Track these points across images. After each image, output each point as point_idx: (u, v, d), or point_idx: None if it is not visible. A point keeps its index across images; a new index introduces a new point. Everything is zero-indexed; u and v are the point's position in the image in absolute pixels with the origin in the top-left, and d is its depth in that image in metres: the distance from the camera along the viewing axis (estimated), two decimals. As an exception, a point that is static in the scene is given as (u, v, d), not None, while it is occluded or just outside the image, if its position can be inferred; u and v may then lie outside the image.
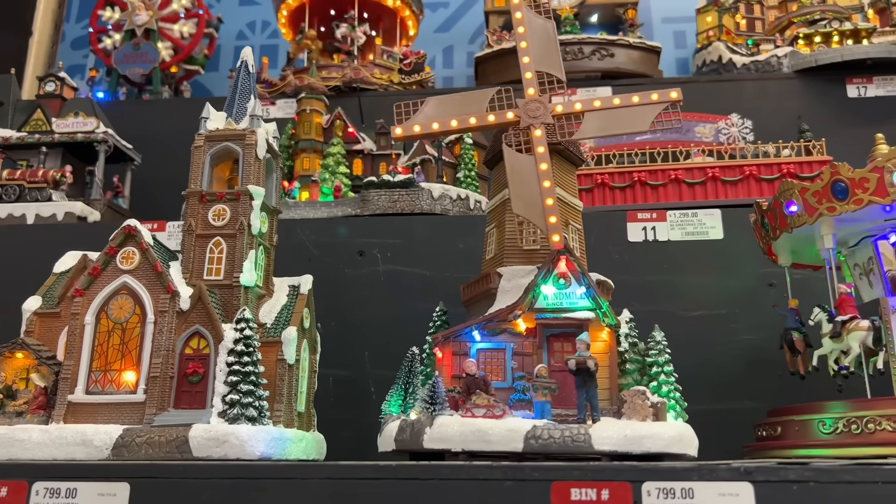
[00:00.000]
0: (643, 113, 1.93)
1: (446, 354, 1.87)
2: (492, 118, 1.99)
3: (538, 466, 1.39)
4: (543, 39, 2.06)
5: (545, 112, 1.98)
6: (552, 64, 2.03)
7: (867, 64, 3.81)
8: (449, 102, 2.02)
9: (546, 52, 2.05)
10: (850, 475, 1.34)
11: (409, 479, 1.40)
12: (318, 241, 2.82)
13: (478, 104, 2.01)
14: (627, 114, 1.95)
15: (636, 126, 1.97)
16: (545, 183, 1.91)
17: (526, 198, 1.91)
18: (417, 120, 1.99)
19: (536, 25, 2.07)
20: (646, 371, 1.89)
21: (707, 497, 1.34)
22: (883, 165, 1.76)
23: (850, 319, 1.89)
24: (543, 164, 1.93)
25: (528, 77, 2.02)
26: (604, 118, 1.95)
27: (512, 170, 1.94)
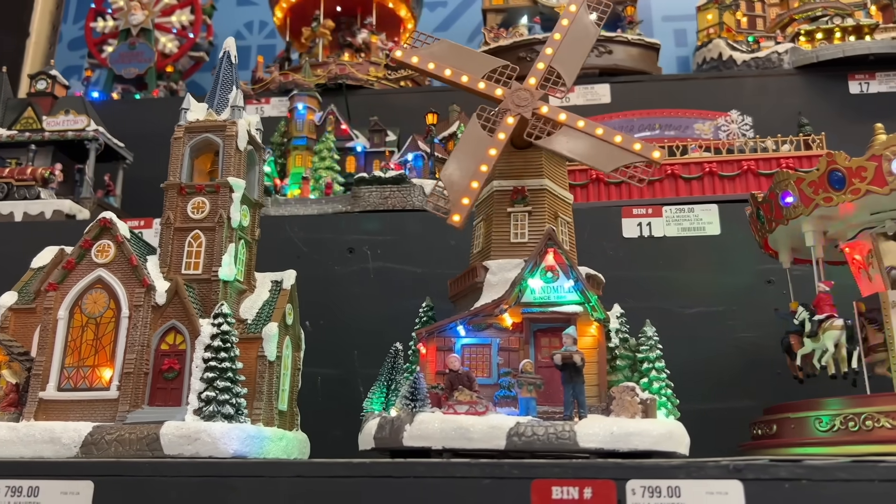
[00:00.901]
0: (616, 155, 1.85)
1: (430, 350, 1.81)
2: (482, 86, 1.95)
3: (518, 464, 1.33)
4: (455, 54, 2.03)
5: (530, 92, 1.93)
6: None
7: (869, 59, 3.74)
8: (456, 52, 2.00)
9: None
10: (844, 473, 1.27)
11: (382, 477, 1.34)
12: (308, 237, 2.77)
13: (480, 67, 1.97)
14: (601, 147, 1.86)
15: (601, 164, 1.88)
16: (482, 167, 1.86)
17: (603, 154, 1.85)
18: (419, 52, 1.97)
19: (581, 25, 2.02)
20: (636, 367, 1.83)
21: (694, 495, 1.28)
22: (881, 154, 1.70)
23: (827, 318, 1.85)
24: (493, 150, 1.88)
25: (539, 67, 1.97)
26: (576, 140, 1.88)
27: (467, 138, 1.91)
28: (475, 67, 2.00)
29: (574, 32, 2.02)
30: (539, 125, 1.90)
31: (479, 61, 2.02)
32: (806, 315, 1.88)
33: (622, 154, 1.83)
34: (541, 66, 1.98)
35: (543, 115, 1.90)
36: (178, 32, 4.62)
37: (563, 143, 1.90)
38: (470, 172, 1.86)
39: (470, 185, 1.85)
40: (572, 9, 2.00)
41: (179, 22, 4.66)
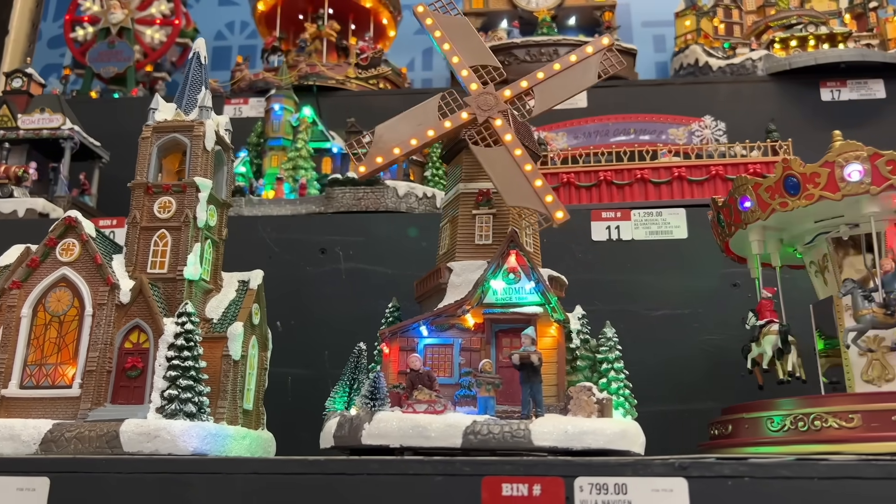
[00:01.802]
0: (585, 68, 1.95)
1: (393, 350, 1.83)
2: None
3: (470, 461, 1.36)
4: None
5: (497, 101, 1.95)
6: (481, 55, 2.03)
7: (841, 67, 3.80)
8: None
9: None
10: (786, 471, 1.31)
11: (336, 474, 1.36)
12: (280, 238, 2.78)
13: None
14: (572, 75, 1.96)
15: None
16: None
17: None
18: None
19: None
20: (596, 367, 1.86)
21: (640, 492, 1.30)
22: (834, 160, 1.74)
23: (767, 323, 1.91)
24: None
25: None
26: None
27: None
28: (472, 54, 2.03)
29: (574, 73, 2.05)
30: (518, 106, 1.94)
31: (479, 51, 2.05)
32: (754, 320, 1.92)
33: (532, 198, 1.87)
34: (524, 84, 2.02)
35: (513, 96, 1.94)
36: (161, 21, 4.60)
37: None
38: (400, 138, 1.92)
39: (392, 148, 1.91)
40: (588, 50, 2.02)
41: (160, 12, 4.65)
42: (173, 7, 4.67)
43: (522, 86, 1.97)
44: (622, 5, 4.92)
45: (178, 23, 4.66)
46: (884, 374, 1.76)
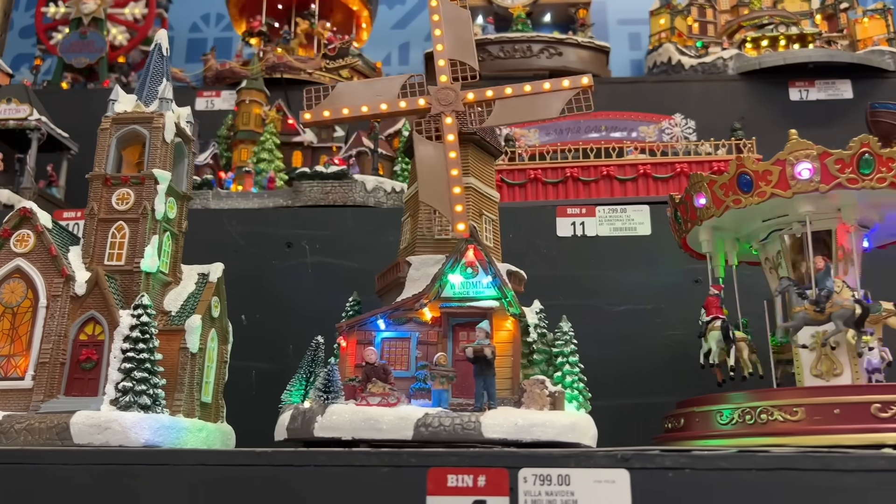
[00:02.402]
0: (554, 99, 1.92)
1: (350, 344, 1.84)
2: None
3: (416, 453, 1.37)
4: (459, 28, 2.05)
5: (457, 100, 1.96)
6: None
7: (809, 68, 3.85)
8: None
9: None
10: (725, 462, 1.33)
11: (284, 465, 1.37)
12: (247, 231, 2.78)
13: (390, 90, 1.99)
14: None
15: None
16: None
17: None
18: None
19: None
20: (552, 361, 1.88)
21: (583, 483, 1.32)
22: (785, 158, 1.78)
23: (712, 320, 1.95)
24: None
25: (441, 64, 2.00)
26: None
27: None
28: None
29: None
30: (474, 112, 1.94)
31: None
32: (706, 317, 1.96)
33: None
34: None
35: (474, 102, 1.95)
36: (129, 25, 4.56)
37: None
38: (353, 102, 1.93)
39: (342, 108, 1.92)
40: (565, 84, 1.96)
41: (132, 14, 4.61)
42: (146, 13, 4.62)
43: (487, 95, 1.97)
44: (598, 3, 4.94)
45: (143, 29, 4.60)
46: (832, 368, 1.80)
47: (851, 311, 1.68)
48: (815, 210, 1.75)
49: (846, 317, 1.69)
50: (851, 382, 1.77)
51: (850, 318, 1.69)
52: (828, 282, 1.72)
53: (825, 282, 1.72)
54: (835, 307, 1.70)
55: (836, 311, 1.70)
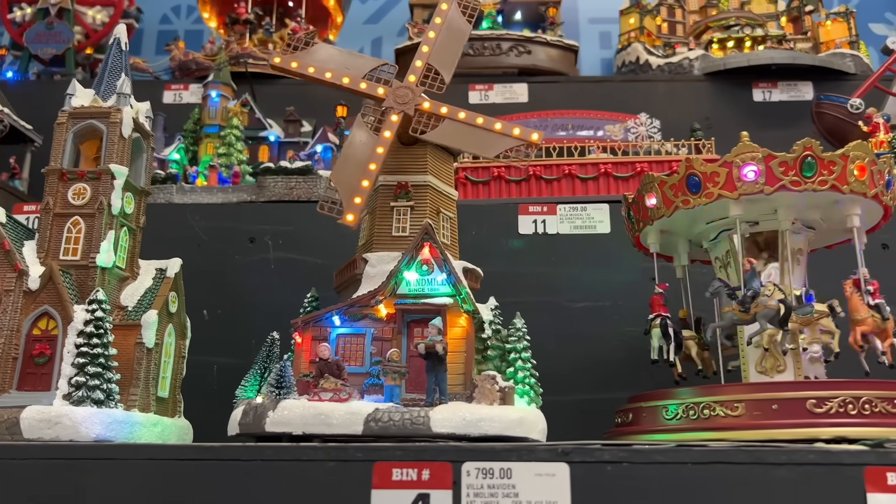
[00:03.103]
0: (498, 141, 1.92)
1: (305, 339, 1.86)
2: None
3: (362, 447, 1.40)
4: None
5: (411, 102, 1.98)
6: (363, 64, 2.05)
7: (772, 69, 3.93)
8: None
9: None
10: (661, 456, 1.37)
11: (232, 460, 1.39)
12: (210, 226, 2.78)
13: (359, 68, 2.01)
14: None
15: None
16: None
17: (486, 141, 1.92)
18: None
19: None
20: (506, 357, 1.91)
21: (524, 477, 1.36)
22: (732, 160, 1.82)
23: (655, 318, 2.01)
24: (380, 149, 1.93)
25: (417, 65, 2.03)
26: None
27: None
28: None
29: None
30: (423, 120, 1.96)
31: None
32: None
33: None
34: (419, 64, 2.04)
35: (426, 111, 1.96)
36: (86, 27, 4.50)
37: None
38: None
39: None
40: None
41: (94, 17, 4.55)
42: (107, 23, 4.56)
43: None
44: (569, 1, 4.97)
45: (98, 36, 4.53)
46: (775, 365, 1.86)
47: (775, 310, 1.73)
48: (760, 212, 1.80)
49: (770, 316, 1.75)
50: (794, 379, 1.83)
51: (775, 318, 1.74)
52: (754, 283, 1.78)
53: (752, 282, 1.78)
54: (759, 307, 1.75)
55: (761, 311, 1.76)
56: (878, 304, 1.75)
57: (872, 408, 1.57)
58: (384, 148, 1.91)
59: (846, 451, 1.37)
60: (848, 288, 1.78)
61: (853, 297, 1.76)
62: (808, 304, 1.80)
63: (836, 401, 1.58)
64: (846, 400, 1.57)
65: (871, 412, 1.56)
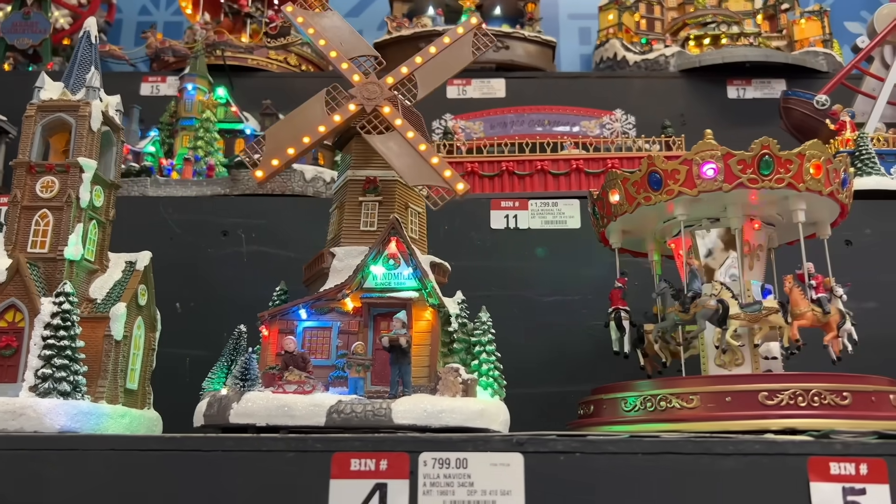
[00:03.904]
0: (461, 47, 2.04)
1: (272, 333, 1.88)
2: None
3: (321, 438, 1.42)
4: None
5: (381, 89, 2.01)
6: (358, 46, 2.10)
7: (746, 66, 3.97)
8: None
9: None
10: (613, 447, 1.41)
11: (193, 451, 1.41)
12: (183, 219, 2.79)
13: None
14: (449, 55, 2.05)
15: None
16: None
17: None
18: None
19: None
20: (471, 350, 1.94)
21: (479, 466, 1.39)
22: (692, 158, 1.86)
23: (613, 311, 2.07)
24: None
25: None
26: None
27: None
28: (350, 47, 2.09)
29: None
30: (374, 121, 1.98)
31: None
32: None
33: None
34: (404, 70, 2.07)
35: (395, 83, 2.00)
36: (72, 9, 4.48)
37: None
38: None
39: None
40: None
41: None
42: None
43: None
44: (551, -3, 5.01)
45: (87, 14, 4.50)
46: (734, 359, 1.90)
47: (713, 310, 1.79)
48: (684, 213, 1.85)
49: (708, 315, 1.81)
50: (751, 372, 1.88)
51: (714, 317, 1.80)
52: (694, 283, 1.84)
53: (692, 283, 1.84)
54: (698, 307, 1.81)
55: (700, 311, 1.82)
56: (819, 298, 1.80)
57: (821, 400, 1.62)
58: (327, 128, 1.96)
59: (791, 442, 1.41)
60: (788, 283, 1.83)
61: (794, 292, 1.80)
62: (755, 301, 1.85)
63: (786, 393, 1.62)
64: (796, 392, 1.62)
65: (819, 404, 1.61)
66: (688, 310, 1.82)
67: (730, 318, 1.80)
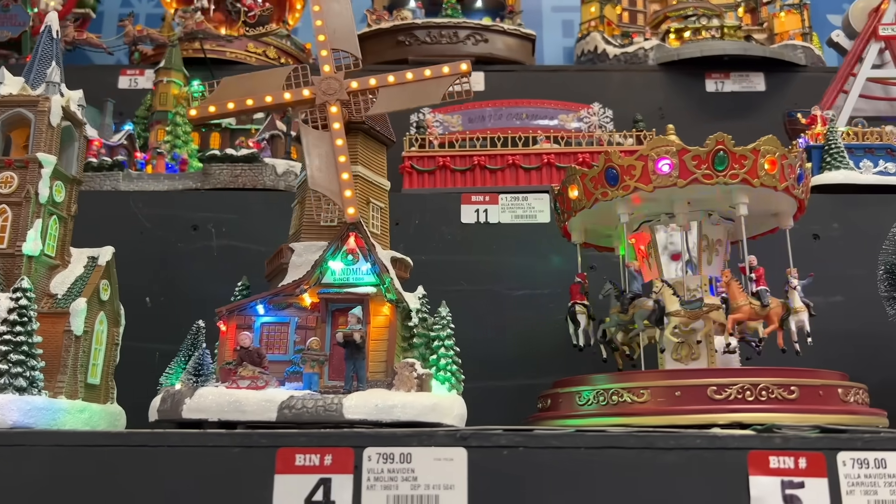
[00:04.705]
0: (436, 85, 1.99)
1: (230, 328, 1.89)
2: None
3: (266, 433, 1.43)
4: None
5: (341, 89, 2.01)
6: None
7: (725, 60, 3.97)
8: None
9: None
10: (557, 441, 1.43)
11: (139, 446, 1.42)
12: (154, 213, 2.79)
13: (274, 82, 2.02)
14: (422, 88, 2.01)
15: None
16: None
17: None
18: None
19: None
20: (431, 345, 1.95)
21: (423, 461, 1.41)
22: (648, 154, 1.87)
23: (572, 306, 2.09)
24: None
25: (323, 55, 2.05)
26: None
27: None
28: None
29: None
30: (359, 100, 1.99)
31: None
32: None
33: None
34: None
35: (357, 90, 1.99)
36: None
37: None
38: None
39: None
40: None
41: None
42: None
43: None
44: (534, -10, 5.00)
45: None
46: (690, 353, 1.92)
47: (649, 310, 1.81)
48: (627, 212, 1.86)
49: (645, 316, 1.82)
50: (707, 367, 1.89)
51: (651, 316, 1.82)
52: (634, 284, 1.86)
53: (632, 284, 1.86)
54: (636, 308, 1.83)
55: (637, 311, 1.84)
56: (758, 291, 1.81)
57: (769, 394, 1.63)
58: (273, 100, 1.97)
59: (732, 436, 1.43)
60: (725, 277, 1.84)
61: (731, 285, 1.82)
62: (696, 298, 1.86)
63: (735, 388, 1.64)
64: (745, 387, 1.63)
65: (767, 398, 1.63)
66: (626, 310, 1.85)
67: (670, 316, 1.82)
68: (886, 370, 2.34)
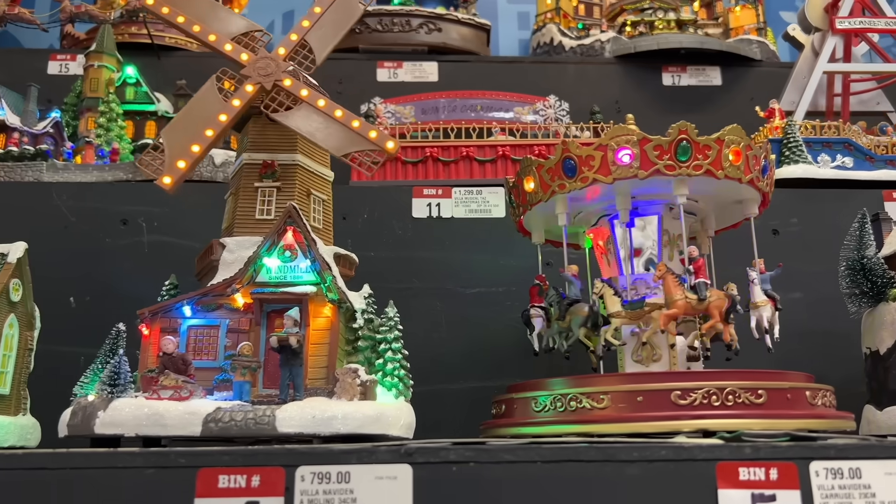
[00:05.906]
0: (352, 140, 1.79)
1: (154, 332, 1.72)
2: (228, 47, 1.88)
3: (184, 452, 1.27)
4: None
5: (276, 63, 1.85)
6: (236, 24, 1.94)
7: (681, 53, 3.93)
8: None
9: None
10: (510, 455, 1.30)
11: (35, 468, 1.24)
12: (79, 206, 2.58)
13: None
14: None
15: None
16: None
17: (336, 137, 1.79)
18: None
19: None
20: (377, 348, 1.81)
21: (363, 481, 1.27)
22: (607, 144, 1.76)
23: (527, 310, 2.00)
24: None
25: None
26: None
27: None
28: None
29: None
30: (279, 98, 1.82)
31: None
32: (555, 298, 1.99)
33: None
34: (294, 38, 1.91)
35: (285, 89, 1.82)
36: None
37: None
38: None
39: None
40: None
41: None
42: None
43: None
44: (490, -20, 4.88)
45: None
46: (651, 354, 1.82)
47: (584, 315, 1.74)
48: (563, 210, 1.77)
49: (581, 323, 1.76)
50: (668, 369, 1.79)
51: (587, 322, 1.75)
52: (571, 290, 1.78)
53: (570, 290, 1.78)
54: (573, 314, 1.76)
55: (573, 318, 1.77)
56: (696, 283, 1.72)
57: (736, 399, 1.53)
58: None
59: (699, 447, 1.32)
60: (660, 270, 1.74)
61: (666, 279, 1.72)
62: (639, 298, 1.77)
63: (700, 392, 1.54)
64: (710, 391, 1.54)
65: (733, 403, 1.53)
66: (564, 316, 1.76)
67: (611, 317, 1.74)
68: (847, 368, 2.29)
